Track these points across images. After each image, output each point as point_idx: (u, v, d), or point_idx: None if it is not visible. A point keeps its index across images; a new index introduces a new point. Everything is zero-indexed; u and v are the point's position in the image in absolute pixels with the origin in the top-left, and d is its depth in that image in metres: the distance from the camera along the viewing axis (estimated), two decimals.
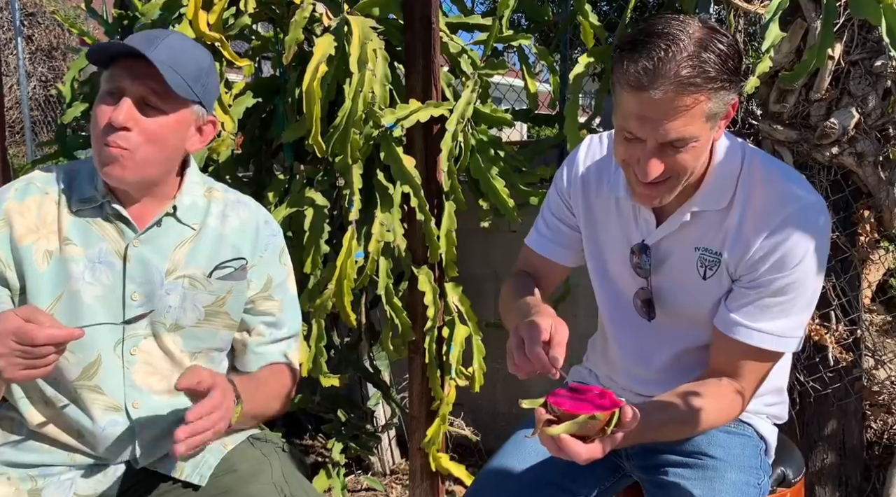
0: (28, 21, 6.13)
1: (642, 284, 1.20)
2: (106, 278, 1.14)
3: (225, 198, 1.26)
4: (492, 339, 2.17)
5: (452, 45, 2.08)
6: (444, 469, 2.04)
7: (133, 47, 1.05)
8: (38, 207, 1.13)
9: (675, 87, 0.95)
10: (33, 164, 3.04)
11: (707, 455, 1.18)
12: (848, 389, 1.98)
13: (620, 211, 1.22)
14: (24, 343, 0.94)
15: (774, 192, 1.07)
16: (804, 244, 1.04)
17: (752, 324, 1.08)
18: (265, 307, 1.28)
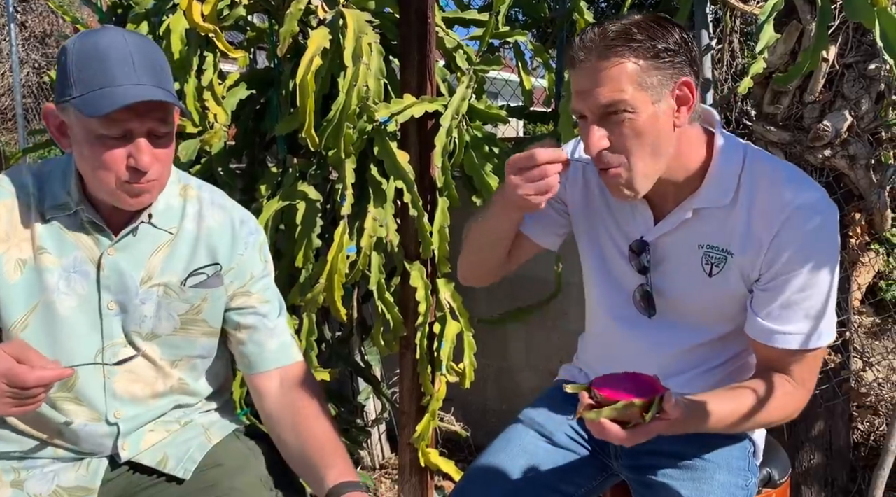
0: (22, 7, 6.08)
1: (642, 281, 1.19)
2: (81, 288, 1.12)
3: (199, 196, 1.22)
4: (483, 336, 2.17)
5: (448, 41, 2.08)
6: (433, 464, 2.05)
7: (144, 93, 1.01)
8: (9, 213, 1.10)
9: (598, 53, 1.01)
10: (24, 151, 3.02)
11: (695, 456, 1.18)
12: (836, 391, 2.00)
13: (618, 205, 1.21)
14: (15, 386, 0.93)
15: (780, 189, 1.07)
16: (816, 235, 1.04)
17: (785, 328, 1.07)
18: (248, 302, 1.24)
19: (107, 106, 0.99)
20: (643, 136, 1.03)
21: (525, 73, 2.29)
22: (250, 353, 1.24)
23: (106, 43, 1.02)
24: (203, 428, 1.25)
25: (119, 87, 1.00)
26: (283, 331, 1.27)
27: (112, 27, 1.09)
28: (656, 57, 1.01)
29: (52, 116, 1.08)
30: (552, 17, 2.61)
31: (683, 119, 1.05)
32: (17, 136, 5.60)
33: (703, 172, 1.10)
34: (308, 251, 1.90)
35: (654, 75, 1.01)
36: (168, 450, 1.20)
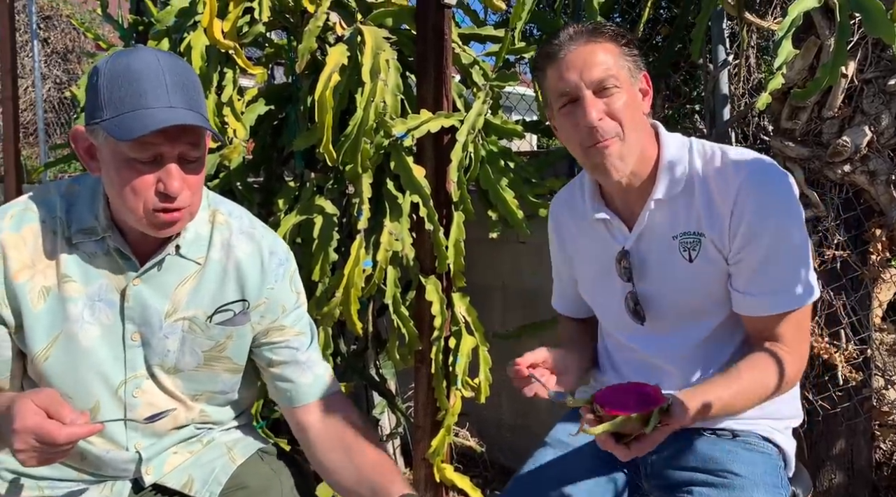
0: (44, 24, 6.20)
1: (629, 288, 1.23)
2: (106, 317, 1.09)
3: (228, 223, 1.18)
4: (498, 351, 2.16)
5: (464, 56, 2.09)
6: (448, 480, 2.04)
7: (176, 117, 0.98)
8: (35, 238, 1.06)
9: (585, 39, 1.13)
10: (46, 166, 3.07)
11: (732, 472, 1.16)
12: (857, 409, 1.97)
13: (596, 231, 1.28)
14: (44, 442, 0.91)
15: (729, 163, 1.14)
16: (770, 197, 1.10)
17: (763, 294, 1.12)
18: (283, 336, 1.22)
19: (138, 129, 0.96)
20: (630, 110, 1.13)
21: (540, 89, 2.29)
22: (287, 388, 1.22)
23: (138, 64, 1.00)
24: (226, 447, 1.24)
25: (150, 110, 0.98)
26: (317, 362, 1.25)
27: (145, 47, 1.06)
28: (627, 45, 1.16)
29: (81, 139, 1.05)
30: None
31: (646, 107, 1.18)
32: (38, 151, 5.68)
33: (656, 166, 1.18)
34: (325, 265, 1.91)
35: (628, 61, 1.15)
36: (193, 471, 1.19)
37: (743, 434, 1.22)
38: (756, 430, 1.23)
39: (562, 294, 1.47)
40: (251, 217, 1.24)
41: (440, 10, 1.86)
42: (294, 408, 1.23)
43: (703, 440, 1.22)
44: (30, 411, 0.92)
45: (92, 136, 1.04)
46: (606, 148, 1.12)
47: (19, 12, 5.36)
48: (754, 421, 1.23)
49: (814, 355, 1.92)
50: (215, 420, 1.24)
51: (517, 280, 2.61)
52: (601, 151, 1.12)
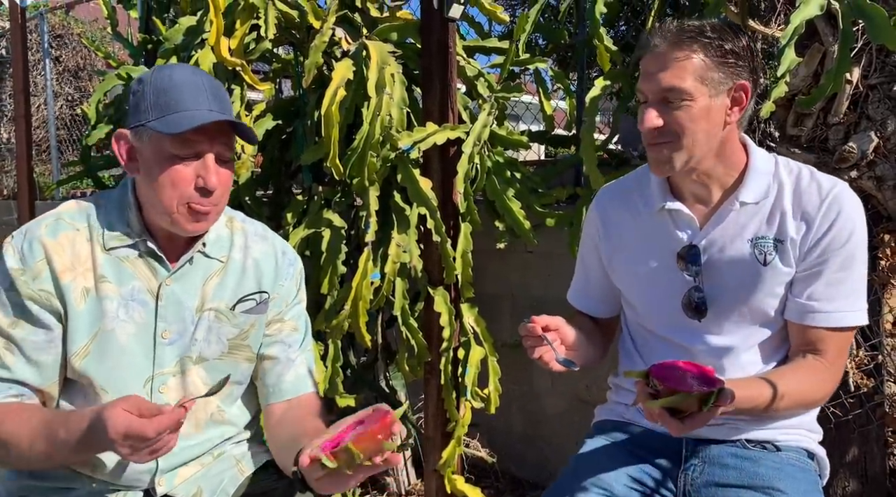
0: (56, 42, 6.28)
1: (692, 284, 1.23)
2: (139, 316, 1.15)
3: (244, 228, 1.29)
4: (507, 361, 2.16)
5: (469, 69, 2.11)
6: (459, 491, 2.04)
7: (217, 115, 1.10)
8: (71, 245, 1.13)
9: (671, 41, 1.13)
10: (59, 183, 3.11)
11: (776, 489, 1.15)
12: (869, 416, 1.95)
13: (658, 222, 1.28)
14: (140, 439, 0.95)
15: (818, 180, 1.18)
16: (853, 218, 1.15)
17: (825, 306, 1.15)
18: (281, 329, 1.29)
19: (184, 124, 1.07)
20: (694, 123, 1.13)
21: (546, 99, 2.31)
22: (269, 384, 1.29)
23: (180, 75, 1.13)
24: (235, 459, 1.26)
25: (195, 111, 1.09)
26: (302, 363, 1.31)
27: (183, 65, 1.20)
28: (722, 56, 1.12)
29: (123, 141, 1.14)
30: (572, 42, 2.64)
31: (734, 118, 1.16)
32: (51, 168, 5.75)
33: (744, 172, 1.21)
34: (333, 277, 1.93)
35: (716, 72, 1.12)
36: (202, 483, 1.21)
37: (786, 448, 1.22)
38: (800, 444, 1.23)
39: (584, 290, 1.45)
40: (262, 224, 1.34)
41: (444, 23, 1.88)
42: (270, 404, 1.29)
43: (748, 454, 1.22)
44: (119, 417, 0.95)
45: (135, 138, 1.13)
46: (659, 150, 1.17)
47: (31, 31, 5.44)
48: (797, 432, 1.23)
49: None
50: (229, 419, 1.26)
51: (525, 290, 2.61)
52: (653, 149, 1.18)
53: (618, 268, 1.35)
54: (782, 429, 1.23)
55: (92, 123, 2.41)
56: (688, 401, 0.97)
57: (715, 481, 1.20)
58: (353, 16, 2.08)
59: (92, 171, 2.59)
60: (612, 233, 1.36)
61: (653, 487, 1.25)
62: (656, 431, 1.28)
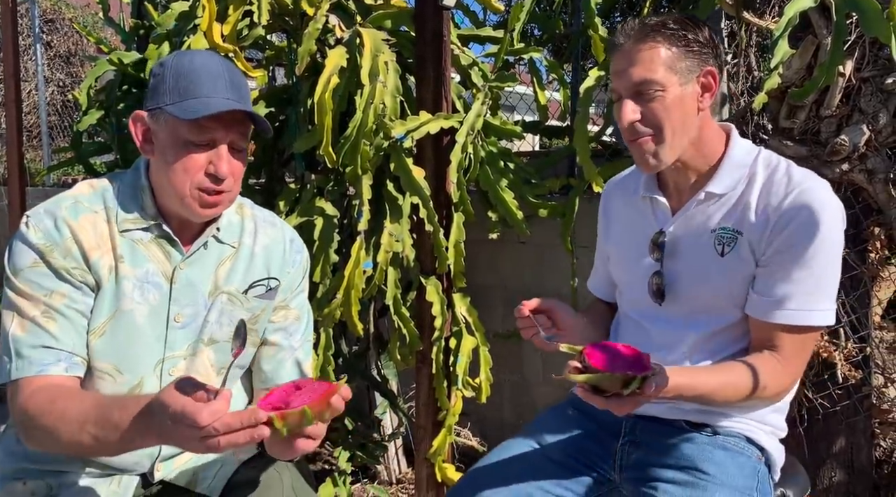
0: (47, 27, 6.22)
1: (657, 268, 1.26)
2: (153, 298, 1.16)
3: (254, 215, 1.30)
4: (499, 350, 2.17)
5: (464, 58, 2.10)
6: (449, 479, 2.05)
7: (234, 105, 1.10)
8: (93, 226, 1.14)
9: (636, 37, 1.16)
10: (49, 169, 3.09)
11: (700, 470, 1.17)
12: (857, 407, 1.97)
13: (641, 209, 1.33)
14: (192, 425, 0.86)
15: (791, 175, 1.18)
16: (817, 214, 1.12)
17: (783, 303, 1.14)
18: (281, 315, 1.30)
19: (200, 110, 1.07)
20: (670, 112, 1.16)
21: (540, 89, 2.30)
22: (267, 370, 1.29)
23: (200, 61, 1.13)
24: None
25: (211, 99, 1.10)
26: (302, 352, 1.32)
27: (204, 51, 1.20)
28: (686, 45, 1.16)
29: (141, 122, 1.15)
30: (567, 32, 2.63)
31: (706, 103, 1.19)
32: (42, 153, 5.71)
33: (719, 163, 1.22)
34: (325, 266, 1.92)
35: (683, 61, 1.15)
36: (198, 469, 1.22)
37: (724, 432, 1.23)
38: (738, 430, 1.24)
39: (596, 274, 1.52)
40: (271, 213, 1.35)
41: (439, 11, 1.87)
42: (264, 389, 1.29)
43: (683, 436, 1.24)
44: (175, 396, 0.89)
45: (152, 120, 1.13)
46: (641, 145, 1.19)
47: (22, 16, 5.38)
48: (738, 420, 1.24)
49: (813, 354, 1.93)
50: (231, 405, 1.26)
51: (517, 280, 2.62)
52: (637, 146, 1.20)
53: (610, 252, 1.42)
54: (725, 416, 1.24)
55: (83, 109, 2.39)
56: (610, 381, 0.99)
57: (647, 459, 1.24)
58: (346, 3, 2.06)
59: (83, 158, 2.58)
60: (610, 219, 1.42)
61: (593, 459, 1.30)
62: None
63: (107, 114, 2.36)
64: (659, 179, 1.31)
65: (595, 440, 1.31)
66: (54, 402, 1.02)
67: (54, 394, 1.04)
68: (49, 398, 1.03)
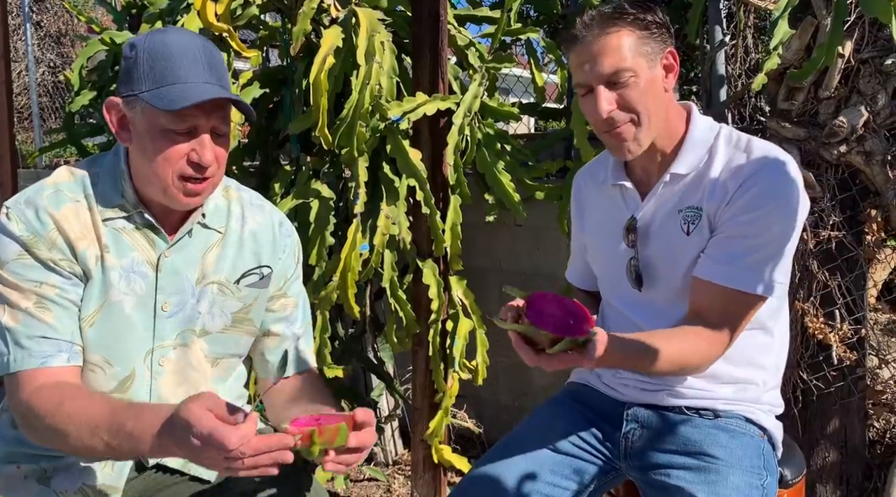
0: (37, 7, 6.13)
1: (631, 255, 1.27)
2: (139, 288, 1.13)
3: (240, 197, 1.26)
4: (495, 333, 2.16)
5: (460, 38, 2.08)
6: (446, 461, 2.06)
7: (214, 92, 1.05)
8: (75, 215, 1.10)
9: (599, 26, 1.15)
10: (41, 151, 3.06)
11: (710, 455, 1.17)
12: (851, 388, 1.98)
13: (611, 198, 1.32)
14: (220, 448, 0.85)
15: (751, 148, 1.18)
16: (774, 185, 1.13)
17: (727, 265, 1.14)
18: (280, 304, 1.28)
19: (180, 101, 1.02)
20: (646, 96, 1.16)
21: (537, 70, 2.28)
22: (272, 360, 1.28)
23: (175, 41, 1.07)
24: None
25: (190, 85, 1.04)
26: (304, 339, 1.31)
27: (178, 28, 1.13)
28: (647, 28, 1.16)
29: (115, 109, 1.09)
30: (564, 13, 2.61)
31: (670, 83, 1.20)
32: (33, 135, 5.65)
33: (681, 143, 1.23)
34: (321, 249, 1.92)
35: (647, 44, 1.16)
36: None
37: (724, 414, 1.24)
38: (737, 411, 1.24)
39: (574, 265, 1.51)
40: (257, 193, 1.31)
41: None
42: (273, 379, 1.28)
43: (685, 421, 1.24)
44: (205, 417, 0.87)
45: (127, 107, 1.08)
46: (620, 133, 1.17)
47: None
48: (735, 403, 1.24)
49: (809, 335, 1.94)
50: (224, 391, 1.25)
51: (514, 262, 2.61)
52: (615, 135, 1.18)
53: (587, 242, 1.42)
54: (724, 399, 1.24)
55: (75, 90, 2.37)
56: (538, 336, 0.97)
57: (652, 445, 1.24)
58: None
59: (75, 139, 2.55)
60: (583, 209, 1.42)
61: (597, 448, 1.29)
62: (608, 396, 1.34)
63: (99, 94, 2.33)
64: (626, 166, 1.30)
65: (598, 429, 1.31)
66: (62, 404, 1.00)
67: (61, 394, 1.02)
68: (56, 399, 1.01)
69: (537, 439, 1.31)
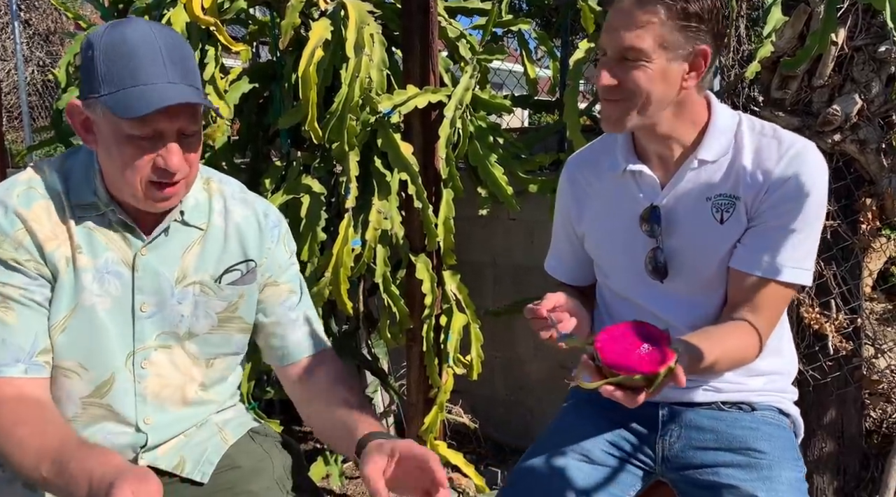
0: (25, 5, 6.08)
1: (653, 245, 1.22)
2: (114, 289, 1.09)
3: (222, 190, 1.20)
4: (490, 327, 2.16)
5: (451, 30, 2.06)
6: (441, 457, 2.05)
7: (178, 95, 0.98)
8: (48, 214, 1.06)
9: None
10: (30, 149, 3.03)
11: (756, 450, 1.15)
12: (847, 378, 1.98)
13: (621, 185, 1.26)
14: None
15: (780, 137, 1.16)
16: (810, 175, 1.12)
17: (767, 258, 1.13)
18: (277, 292, 1.24)
19: (140, 107, 0.95)
20: (650, 84, 1.11)
21: (529, 62, 2.27)
22: (278, 347, 1.24)
23: (134, 36, 0.98)
24: (217, 427, 1.23)
25: (151, 86, 0.97)
26: (306, 320, 1.26)
27: (138, 19, 1.04)
28: (684, 19, 1.08)
29: (77, 113, 1.04)
30: (556, 5, 2.59)
31: (690, 83, 1.13)
32: (22, 134, 5.61)
33: (704, 129, 1.19)
34: (313, 245, 1.90)
35: (676, 35, 1.09)
36: (184, 452, 1.18)
37: (759, 407, 1.22)
38: (772, 403, 1.23)
39: (559, 258, 1.45)
40: (239, 183, 1.26)
41: None
42: (284, 366, 1.25)
43: (723, 416, 1.21)
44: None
45: (89, 110, 1.02)
46: (608, 107, 1.15)
47: None
48: (768, 393, 1.23)
49: (805, 325, 1.93)
50: (218, 389, 1.23)
51: (508, 256, 2.60)
52: (606, 105, 1.15)
53: (587, 233, 1.35)
54: (757, 391, 1.23)
55: (62, 87, 2.34)
56: (632, 382, 0.92)
57: (693, 444, 1.20)
58: None
59: (64, 137, 2.52)
60: (581, 199, 1.35)
61: (630, 452, 1.25)
62: None
63: None
64: (638, 151, 1.25)
65: (631, 432, 1.26)
66: (15, 427, 0.96)
67: (17, 416, 0.98)
68: (12, 419, 0.97)
69: (567, 451, 1.24)
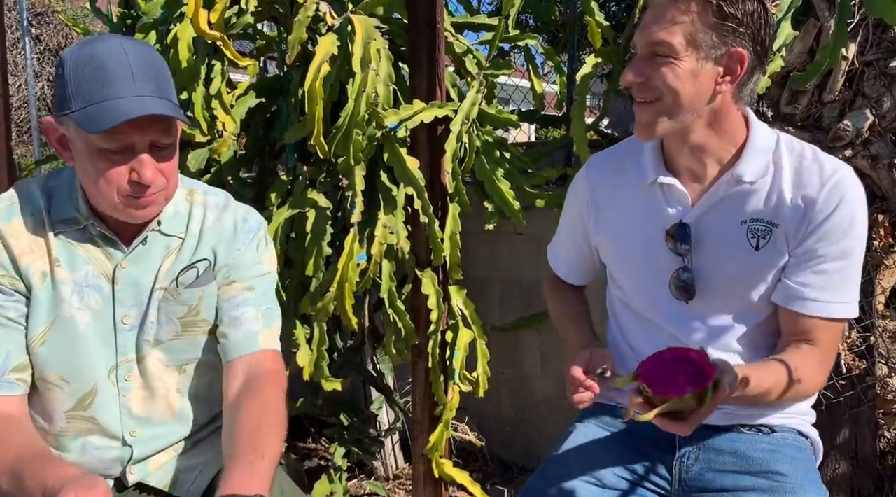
0: (36, 21, 6.15)
1: (680, 264, 1.17)
2: (94, 302, 1.10)
3: (206, 201, 1.21)
4: (496, 344, 2.13)
5: (458, 45, 2.05)
6: (447, 475, 2.01)
7: (144, 108, 0.98)
8: (27, 229, 1.08)
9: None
10: (37, 163, 3.04)
11: (777, 472, 1.12)
12: (861, 397, 1.94)
13: (650, 196, 1.21)
14: None
15: (821, 162, 1.11)
16: (854, 206, 1.09)
17: (819, 294, 1.10)
18: (224, 291, 1.19)
19: (107, 121, 0.96)
20: (678, 83, 1.06)
21: (536, 77, 2.26)
22: (222, 344, 1.19)
23: (103, 52, 0.99)
24: (211, 445, 1.22)
25: (118, 100, 0.98)
26: (253, 320, 1.19)
27: (110, 35, 1.06)
28: (721, 19, 1.04)
29: (52, 130, 1.06)
30: (563, 20, 2.59)
31: (726, 88, 1.08)
32: (32, 149, 5.65)
33: (742, 147, 1.14)
34: (318, 259, 1.88)
35: (709, 34, 1.04)
36: (179, 472, 1.17)
37: (780, 429, 1.19)
38: (792, 425, 1.20)
39: (566, 258, 1.43)
40: (227, 195, 1.25)
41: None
42: (225, 363, 1.18)
43: (742, 438, 1.18)
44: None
45: (63, 127, 1.04)
46: (642, 110, 1.11)
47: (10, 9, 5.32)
48: (788, 415, 1.20)
49: None
50: (207, 400, 1.21)
51: (514, 272, 2.58)
52: (638, 108, 1.12)
53: (605, 242, 1.30)
54: (778, 414, 1.20)
55: None
56: (683, 404, 0.93)
57: (711, 467, 1.17)
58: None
59: None
60: (601, 204, 1.29)
61: (643, 475, 1.21)
62: None
63: None
64: (667, 164, 1.20)
65: (644, 456, 1.23)
66: None
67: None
68: None
69: (577, 473, 1.20)
